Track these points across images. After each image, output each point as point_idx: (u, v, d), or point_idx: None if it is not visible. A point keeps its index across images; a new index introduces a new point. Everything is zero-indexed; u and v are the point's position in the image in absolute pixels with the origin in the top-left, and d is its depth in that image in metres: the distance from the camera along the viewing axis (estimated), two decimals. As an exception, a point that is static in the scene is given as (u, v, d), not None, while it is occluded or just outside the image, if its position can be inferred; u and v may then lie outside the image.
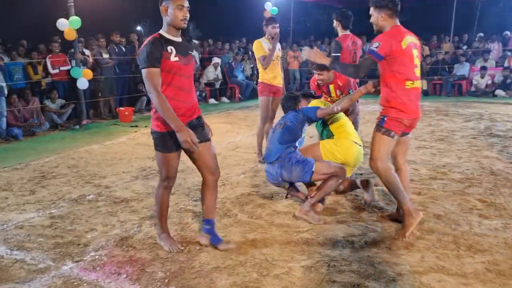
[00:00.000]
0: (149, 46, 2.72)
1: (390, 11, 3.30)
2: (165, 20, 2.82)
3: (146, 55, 2.71)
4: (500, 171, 4.85)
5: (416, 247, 3.08)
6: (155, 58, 2.72)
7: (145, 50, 2.72)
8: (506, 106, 9.96)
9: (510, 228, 3.35)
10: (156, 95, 2.70)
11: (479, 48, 13.50)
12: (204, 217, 3.21)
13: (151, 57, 2.71)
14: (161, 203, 3.15)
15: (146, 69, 2.72)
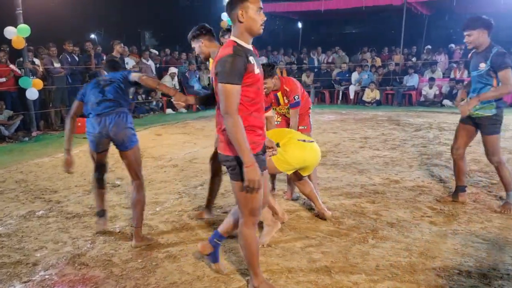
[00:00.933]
0: (233, 57, 2.28)
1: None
2: (238, 27, 2.37)
3: (229, 68, 2.27)
4: (448, 178, 5.06)
5: (371, 256, 3.15)
6: (239, 73, 2.29)
7: (227, 61, 2.28)
8: (453, 116, 10.41)
9: (458, 234, 3.50)
10: (234, 119, 2.28)
11: (427, 60, 14.13)
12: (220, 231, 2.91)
13: (235, 71, 2.27)
14: (251, 246, 2.58)
15: (228, 85, 2.28)
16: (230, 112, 2.28)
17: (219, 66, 2.31)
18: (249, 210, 2.50)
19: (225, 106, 2.29)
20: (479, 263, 3.00)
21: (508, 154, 6.14)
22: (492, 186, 4.71)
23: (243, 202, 2.48)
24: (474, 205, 4.17)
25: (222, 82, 2.29)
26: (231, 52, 2.29)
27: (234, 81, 2.28)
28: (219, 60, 2.33)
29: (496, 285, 2.71)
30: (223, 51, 2.34)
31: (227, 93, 2.28)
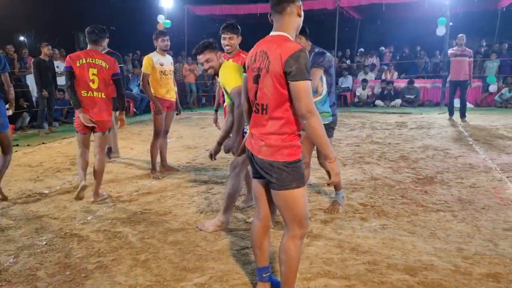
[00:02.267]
0: (304, 51, 2.11)
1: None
2: (293, 22, 2.26)
3: (305, 63, 2.10)
4: (379, 175, 5.28)
5: (305, 254, 3.21)
6: (309, 68, 2.14)
7: (301, 56, 2.10)
8: (384, 115, 10.94)
9: (387, 229, 3.65)
10: (317, 115, 2.11)
11: (360, 62, 14.71)
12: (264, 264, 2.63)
13: (308, 66, 2.11)
14: (294, 263, 2.37)
15: (307, 82, 2.11)
16: (313, 110, 2.10)
17: (294, 62, 2.08)
18: (297, 221, 2.31)
19: (307, 104, 2.09)
20: (406, 255, 3.14)
21: (433, 150, 6.52)
22: (418, 181, 4.96)
23: (291, 213, 2.30)
24: (402, 200, 4.37)
25: (301, 79, 2.09)
26: (299, 46, 2.14)
27: (309, 77, 2.13)
28: (292, 55, 2.09)
29: (421, 276, 2.85)
30: (289, 45, 2.14)
31: (308, 90, 2.11)
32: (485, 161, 5.81)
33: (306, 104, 2.10)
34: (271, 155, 2.25)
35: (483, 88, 12.58)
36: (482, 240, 3.36)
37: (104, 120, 4.50)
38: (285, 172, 2.23)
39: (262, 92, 2.26)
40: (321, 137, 2.14)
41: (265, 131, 2.28)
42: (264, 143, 2.27)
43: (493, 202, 4.22)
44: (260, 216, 2.56)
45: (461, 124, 9.15)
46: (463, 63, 9.47)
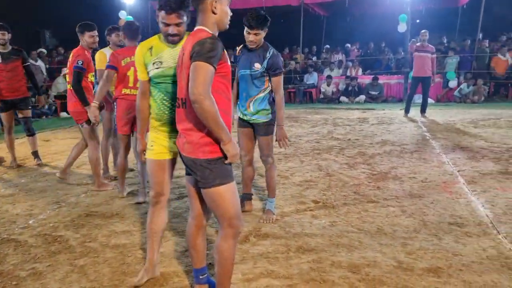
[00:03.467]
0: (213, 39, 2.07)
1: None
2: (210, 17, 2.18)
3: (209, 48, 2.04)
4: (335, 171, 5.27)
5: (250, 254, 3.14)
6: (217, 57, 2.07)
7: (207, 42, 2.05)
8: (348, 111, 11.01)
9: (336, 226, 3.62)
10: (209, 99, 2.01)
11: (326, 59, 14.78)
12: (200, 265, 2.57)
13: (214, 52, 2.04)
14: (228, 264, 2.34)
15: (205, 63, 2.03)
16: (205, 93, 2.00)
17: (197, 46, 2.05)
18: (227, 220, 2.24)
19: (201, 86, 1.99)
20: (351, 252, 3.12)
21: (390, 146, 6.57)
22: (372, 177, 4.97)
23: (219, 211, 2.23)
24: (355, 196, 4.36)
25: (199, 60, 2.02)
26: (210, 35, 2.12)
27: (212, 63, 2.04)
28: (198, 42, 2.06)
29: (364, 273, 2.82)
30: (199, 34, 2.11)
31: (204, 72, 2.01)
32: (439, 155, 5.88)
33: (197, 86, 1.99)
34: (192, 152, 2.18)
35: (444, 83, 12.84)
36: (427, 235, 3.37)
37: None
38: (208, 169, 2.16)
39: (180, 86, 2.23)
40: (214, 120, 2.03)
41: (186, 127, 2.22)
42: (186, 140, 2.21)
43: (442, 196, 4.25)
44: (194, 214, 2.48)
45: (421, 119, 9.29)
46: (426, 59, 9.55)
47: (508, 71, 12.38)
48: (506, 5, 17.50)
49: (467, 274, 2.76)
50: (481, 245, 3.17)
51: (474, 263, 2.90)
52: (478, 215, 3.74)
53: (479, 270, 2.80)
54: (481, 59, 12.85)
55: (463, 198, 4.18)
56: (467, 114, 9.66)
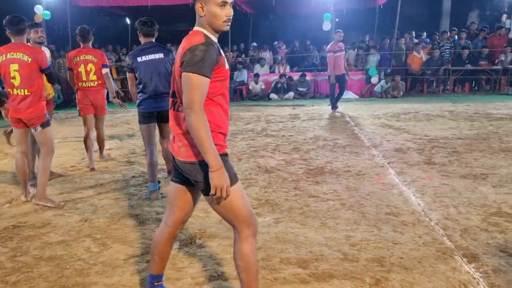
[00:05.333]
0: (206, 45, 1.96)
1: None
2: (200, 20, 2.09)
3: (201, 57, 1.93)
4: (273, 168, 5.32)
5: (198, 257, 3.08)
6: (211, 64, 1.96)
7: (199, 49, 1.94)
8: (279, 108, 11.20)
9: (281, 222, 3.66)
10: (198, 114, 1.91)
11: (254, 56, 14.91)
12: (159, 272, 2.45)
13: (207, 61, 1.94)
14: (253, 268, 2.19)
15: (196, 75, 1.92)
16: (194, 107, 1.91)
17: (189, 53, 1.95)
18: (243, 221, 2.13)
19: (189, 99, 1.92)
20: (298, 248, 3.17)
21: (323, 141, 6.78)
22: (310, 172, 5.09)
23: (232, 215, 2.13)
24: (295, 192, 4.44)
25: (190, 71, 1.93)
26: (203, 40, 1.99)
27: (205, 73, 1.94)
28: (189, 48, 1.96)
29: (313, 267, 2.87)
30: (192, 39, 2.01)
31: (195, 84, 1.92)
32: (369, 149, 6.17)
33: (189, 99, 1.93)
34: (190, 155, 2.08)
35: (366, 80, 13.49)
36: (368, 226, 3.52)
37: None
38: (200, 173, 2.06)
39: (176, 88, 2.14)
40: (200, 137, 1.92)
41: (181, 130, 2.11)
42: (182, 143, 2.10)
43: (377, 188, 4.46)
44: (170, 222, 2.34)
45: (347, 114, 9.67)
46: (342, 58, 10.02)
47: (422, 67, 13.28)
48: (417, 6, 18.83)
49: (407, 261, 2.91)
50: (417, 232, 3.36)
51: (413, 250, 3.07)
52: (410, 204, 3.97)
53: (418, 256, 2.97)
54: (398, 56, 13.68)
55: (395, 189, 4.42)
56: (389, 109, 10.23)
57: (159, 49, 4.47)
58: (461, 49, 13.03)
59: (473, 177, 4.68)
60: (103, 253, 3.19)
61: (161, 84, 4.41)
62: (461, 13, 18.59)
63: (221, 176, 1.94)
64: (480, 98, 11.62)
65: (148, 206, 4.14)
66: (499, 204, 3.88)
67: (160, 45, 4.59)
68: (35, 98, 4.13)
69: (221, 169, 1.94)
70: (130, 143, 7.21)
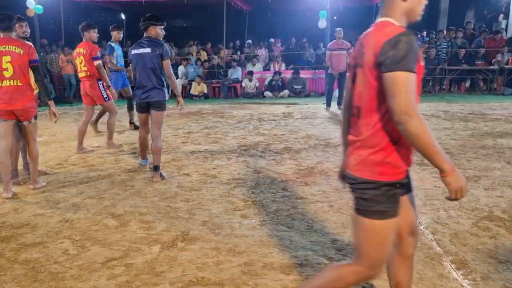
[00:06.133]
0: (408, 36, 1.66)
1: None
2: (398, 6, 1.80)
3: (407, 50, 1.63)
4: (262, 168, 5.22)
5: (178, 261, 2.97)
6: (416, 58, 1.68)
7: (403, 41, 1.64)
8: (273, 106, 11.10)
9: (266, 225, 3.55)
10: (418, 118, 1.62)
11: (249, 53, 14.79)
12: None
13: (413, 54, 1.65)
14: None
15: (406, 73, 1.63)
16: (411, 111, 1.61)
17: (389, 48, 1.65)
18: (371, 261, 1.85)
19: (405, 103, 1.62)
20: (282, 252, 3.07)
21: (315, 140, 6.67)
22: (300, 173, 4.99)
23: (367, 249, 1.85)
24: (283, 193, 4.34)
25: (396, 70, 1.63)
26: (401, 30, 1.70)
27: (412, 69, 1.65)
28: (389, 40, 1.66)
29: (296, 273, 2.77)
30: (385, 31, 1.72)
31: (405, 84, 1.63)
32: (361, 149, 6.07)
33: (403, 103, 1.62)
34: (357, 169, 1.83)
35: (362, 78, 13.38)
36: (355, 230, 3.41)
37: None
38: (369, 193, 1.79)
39: (357, 91, 1.87)
40: (426, 144, 1.64)
41: (356, 139, 1.88)
42: (354, 154, 1.87)
43: (367, 189, 4.36)
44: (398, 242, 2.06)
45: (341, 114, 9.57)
46: (342, 57, 9.96)
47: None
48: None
49: (394, 267, 2.81)
50: (405, 237, 3.26)
51: (400, 255, 2.97)
52: (400, 207, 3.87)
53: (405, 262, 2.87)
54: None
55: (385, 190, 4.32)
56: (384, 108, 10.12)
57: (149, 44, 4.75)
58: (458, 49, 12.94)
59: (465, 179, 4.58)
60: (80, 256, 3.08)
61: (144, 78, 4.74)
62: (459, 12, 18.52)
63: (458, 177, 1.71)
64: (476, 98, 11.54)
65: (131, 206, 4.03)
66: (490, 208, 3.79)
67: (152, 40, 4.83)
68: (28, 89, 4.36)
69: (454, 170, 1.71)
70: (119, 140, 7.09)
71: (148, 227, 3.57)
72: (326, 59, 10.33)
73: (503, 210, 3.73)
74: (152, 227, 3.56)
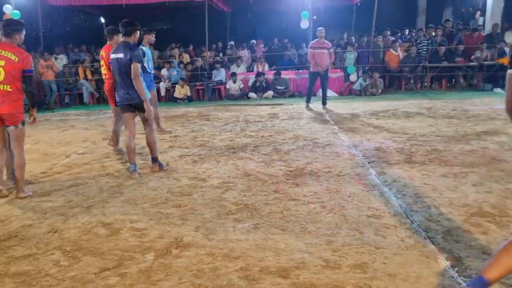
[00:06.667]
0: None
1: None
2: None
3: None
4: (252, 170, 5.20)
5: (174, 268, 2.93)
6: None
7: None
8: (258, 107, 11.08)
9: (260, 228, 3.54)
10: None
11: (231, 55, 14.75)
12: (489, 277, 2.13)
13: None
14: None
15: None
16: None
17: None
18: None
19: None
20: (278, 255, 3.05)
21: (303, 141, 6.68)
22: (290, 174, 4.99)
23: None
24: (275, 195, 4.32)
25: None
26: None
27: None
28: None
29: (294, 276, 2.76)
30: None
31: None
32: (349, 148, 6.11)
33: None
34: None
35: (345, 77, 13.48)
36: (349, 230, 3.43)
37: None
38: None
39: None
40: None
41: None
42: None
43: (358, 189, 4.39)
44: None
45: (326, 113, 9.62)
46: (323, 55, 10.08)
47: (400, 65, 13.34)
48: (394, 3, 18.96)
49: (390, 267, 2.83)
50: (399, 235, 3.29)
51: (396, 255, 2.99)
52: (392, 205, 3.91)
53: (401, 261, 2.89)
54: (376, 54, 13.71)
55: (376, 189, 4.35)
56: (368, 106, 10.21)
57: (124, 49, 4.96)
58: (438, 46, 13.13)
59: (453, 176, 4.65)
60: (73, 267, 3.01)
61: (121, 82, 5.00)
62: (436, 10, 18.82)
63: None
64: (457, 95, 11.73)
65: (122, 214, 3.97)
66: (480, 204, 3.84)
67: (128, 45, 5.02)
68: (17, 95, 4.42)
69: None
70: (105, 146, 6.98)
71: (140, 234, 3.52)
72: (309, 57, 10.52)
73: (492, 205, 3.79)
74: (145, 234, 3.51)
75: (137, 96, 4.96)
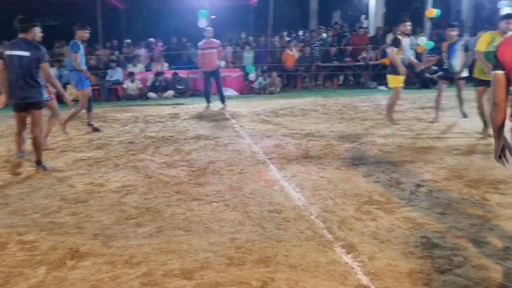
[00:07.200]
0: None
1: None
2: None
3: None
4: (153, 172, 5.06)
5: (69, 281, 2.73)
6: None
7: None
8: (158, 107, 10.83)
9: (162, 231, 3.45)
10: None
11: (128, 54, 14.21)
12: None
13: None
14: None
15: None
16: None
17: None
18: None
19: None
20: (182, 257, 3.00)
21: (204, 140, 6.67)
22: (192, 174, 4.94)
23: None
24: (178, 196, 4.25)
25: None
26: None
27: None
28: None
29: (198, 277, 2.74)
30: None
31: None
32: (250, 146, 6.23)
33: None
34: None
35: (245, 76, 13.73)
36: (252, 226, 3.49)
37: None
38: None
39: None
40: None
41: None
42: None
43: (259, 185, 4.49)
44: None
45: (227, 111, 9.70)
46: (212, 55, 10.10)
47: (296, 64, 13.95)
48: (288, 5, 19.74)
49: (291, 259, 2.94)
50: (299, 228, 3.43)
51: (296, 246, 3.11)
52: (292, 199, 4.06)
53: (301, 253, 3.02)
54: (273, 53, 14.18)
55: (277, 185, 4.49)
56: (268, 105, 10.52)
57: (28, 47, 4.84)
58: (329, 47, 13.97)
59: (346, 168, 4.98)
60: None
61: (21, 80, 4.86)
62: (326, 13, 19.97)
63: None
64: (347, 92, 12.58)
65: (8, 226, 3.61)
66: (370, 193, 4.16)
67: (29, 42, 4.92)
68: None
69: None
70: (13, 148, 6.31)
71: (30, 247, 3.23)
72: (198, 59, 10.48)
73: (380, 193, 4.13)
74: (35, 247, 3.24)
75: (36, 95, 4.98)
